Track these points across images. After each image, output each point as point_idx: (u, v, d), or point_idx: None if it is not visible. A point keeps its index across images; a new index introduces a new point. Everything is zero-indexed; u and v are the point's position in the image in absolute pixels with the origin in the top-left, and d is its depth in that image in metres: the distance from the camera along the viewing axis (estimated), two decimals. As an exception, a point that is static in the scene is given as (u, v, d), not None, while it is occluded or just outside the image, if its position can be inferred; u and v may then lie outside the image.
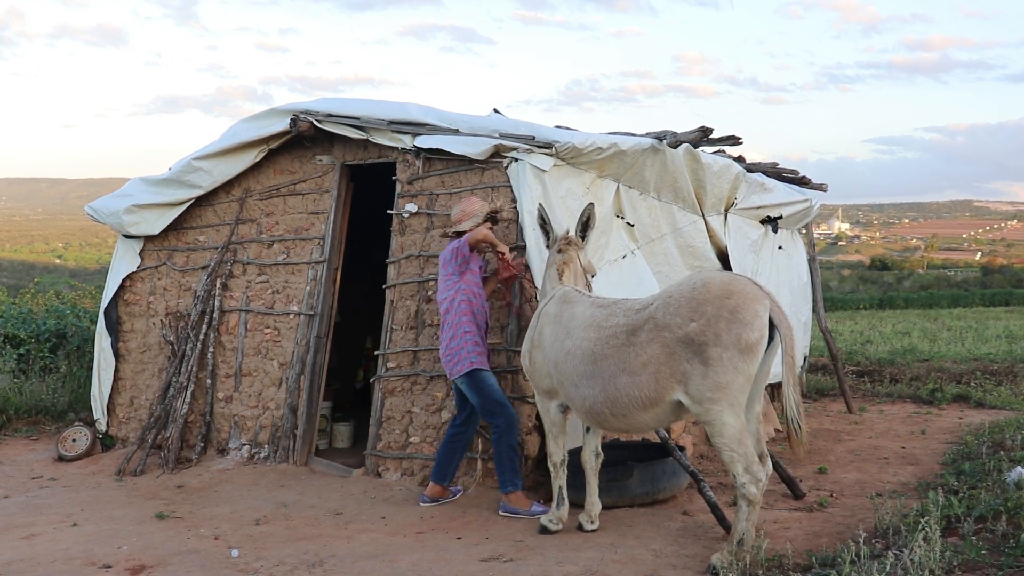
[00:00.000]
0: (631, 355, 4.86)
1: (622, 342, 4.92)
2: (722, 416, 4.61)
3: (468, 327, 6.04)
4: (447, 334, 6.09)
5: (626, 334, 4.92)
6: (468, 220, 6.23)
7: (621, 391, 4.89)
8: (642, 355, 4.81)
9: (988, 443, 7.25)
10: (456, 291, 6.08)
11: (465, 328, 6.03)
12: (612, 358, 4.94)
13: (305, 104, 7.63)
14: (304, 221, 7.89)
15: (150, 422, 7.91)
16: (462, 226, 6.22)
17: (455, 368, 6.03)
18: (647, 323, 4.83)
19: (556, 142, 6.48)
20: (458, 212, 6.29)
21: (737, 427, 4.60)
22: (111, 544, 5.49)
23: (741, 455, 4.59)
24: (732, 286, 4.66)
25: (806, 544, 5.05)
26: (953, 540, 4.57)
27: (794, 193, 9.83)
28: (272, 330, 7.87)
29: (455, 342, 6.03)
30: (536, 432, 6.49)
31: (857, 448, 8.03)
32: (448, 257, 6.12)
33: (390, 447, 6.97)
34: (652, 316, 4.81)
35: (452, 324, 6.06)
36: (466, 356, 5.99)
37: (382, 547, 5.31)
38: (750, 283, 4.74)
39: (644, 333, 4.82)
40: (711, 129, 7.25)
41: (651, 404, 4.83)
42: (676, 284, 4.94)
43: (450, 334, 6.06)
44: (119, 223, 8.53)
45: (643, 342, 4.81)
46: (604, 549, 5.10)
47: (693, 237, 8.02)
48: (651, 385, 4.79)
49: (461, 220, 6.25)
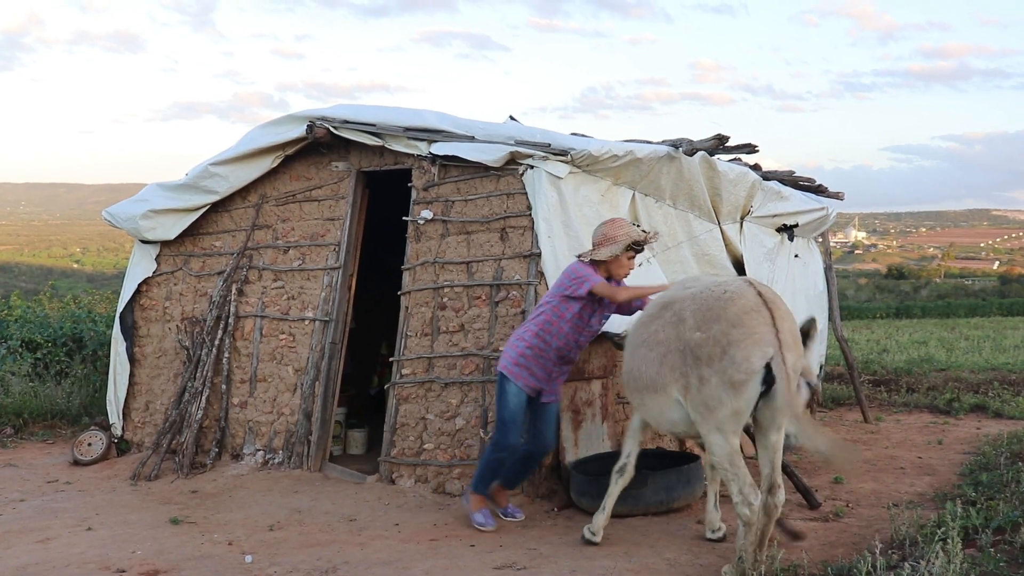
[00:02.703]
0: (655, 329, 4.85)
1: (654, 314, 4.92)
2: (710, 436, 4.58)
3: (531, 340, 5.67)
4: (515, 332, 5.87)
5: (659, 307, 4.91)
6: (607, 248, 5.57)
7: (638, 363, 4.90)
8: (659, 333, 4.79)
9: (1006, 454, 7.19)
10: (550, 307, 5.65)
11: (527, 339, 5.69)
12: (644, 327, 4.95)
13: (321, 110, 7.65)
14: (320, 227, 7.90)
15: (165, 427, 7.94)
16: (599, 253, 5.56)
17: (499, 363, 5.78)
18: (677, 304, 4.78)
19: (572, 149, 6.48)
20: (600, 235, 5.65)
21: (726, 449, 4.54)
22: (125, 549, 5.50)
23: (733, 475, 4.53)
24: (745, 317, 4.44)
25: (821, 554, 5.01)
26: (971, 552, 4.53)
27: (810, 201, 9.79)
28: (287, 336, 7.88)
29: (511, 342, 5.78)
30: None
31: (873, 458, 7.98)
32: (568, 278, 5.59)
33: (404, 454, 6.97)
34: (683, 300, 4.77)
35: (523, 328, 5.78)
36: (509, 360, 5.70)
37: (395, 554, 5.30)
38: (768, 325, 4.42)
39: (669, 314, 4.79)
40: (727, 137, 7.23)
41: (656, 389, 4.80)
42: (718, 283, 4.78)
43: (515, 334, 5.82)
44: (136, 228, 8.57)
45: (665, 322, 4.79)
46: (618, 558, 5.08)
47: (709, 245, 8.00)
48: (656, 367, 4.76)
49: (600, 245, 5.61)
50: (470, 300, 6.84)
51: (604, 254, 5.55)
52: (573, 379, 6.61)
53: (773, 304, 4.54)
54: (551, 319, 5.63)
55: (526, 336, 5.70)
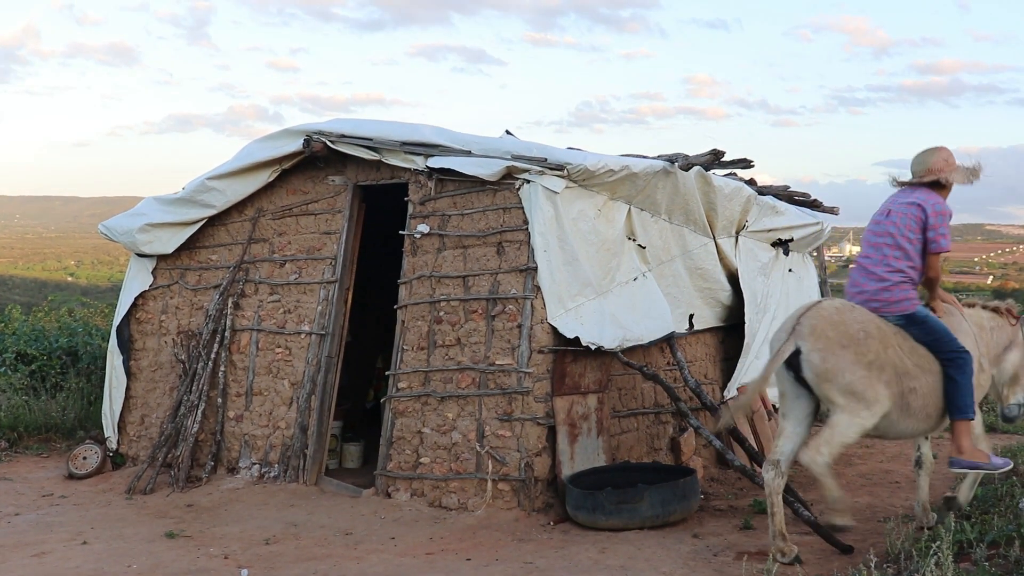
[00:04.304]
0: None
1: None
2: None
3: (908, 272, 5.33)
4: (879, 268, 5.37)
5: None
6: (960, 174, 5.41)
7: None
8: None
9: (1001, 468, 7.20)
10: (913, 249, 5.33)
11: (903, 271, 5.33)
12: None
13: (318, 125, 7.68)
14: (316, 241, 7.92)
15: (161, 440, 7.93)
16: (954, 176, 5.40)
17: (897, 308, 5.30)
18: None
19: (568, 164, 6.51)
20: (942, 160, 5.43)
21: None
22: (121, 563, 5.49)
23: None
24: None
25: (817, 568, 5.02)
26: (965, 566, 4.53)
27: (805, 216, 9.84)
28: (283, 349, 7.88)
29: (893, 282, 5.32)
30: (545, 454, 6.49)
31: (868, 472, 7.99)
32: (939, 216, 5.30)
33: (400, 467, 6.97)
34: None
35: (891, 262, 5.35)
36: (907, 297, 5.31)
37: (392, 568, 5.30)
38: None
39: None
40: (723, 152, 7.27)
41: None
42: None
43: (882, 271, 5.36)
44: (132, 242, 8.58)
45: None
46: (614, 572, 5.09)
47: (704, 259, 8.04)
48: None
49: (944, 171, 5.40)
50: (466, 314, 6.86)
51: (960, 178, 5.40)
52: (569, 393, 6.63)
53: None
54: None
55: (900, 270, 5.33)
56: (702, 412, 7.74)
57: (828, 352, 5.01)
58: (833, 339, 5.04)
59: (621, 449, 7.23)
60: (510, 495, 6.48)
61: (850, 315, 5.19)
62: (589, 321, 6.63)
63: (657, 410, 7.74)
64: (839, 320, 5.13)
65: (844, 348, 5.03)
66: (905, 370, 5.16)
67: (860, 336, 5.08)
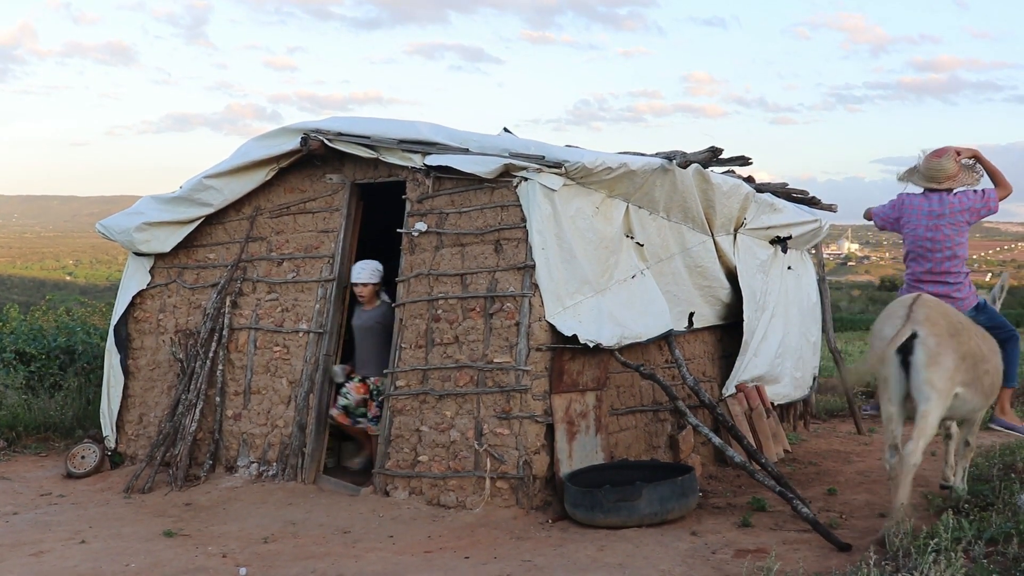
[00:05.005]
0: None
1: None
2: None
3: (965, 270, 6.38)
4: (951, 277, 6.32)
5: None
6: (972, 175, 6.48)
7: None
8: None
9: (999, 465, 7.20)
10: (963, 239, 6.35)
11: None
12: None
13: (315, 123, 7.67)
14: (314, 239, 7.91)
15: (159, 439, 7.92)
16: (965, 178, 6.46)
17: (966, 303, 6.28)
18: None
19: (566, 162, 6.51)
20: (956, 167, 6.38)
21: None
22: (119, 562, 5.49)
23: None
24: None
25: (816, 565, 5.02)
26: (964, 563, 4.54)
27: (803, 213, 9.84)
28: (281, 348, 7.88)
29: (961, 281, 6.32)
30: (543, 452, 6.48)
31: (867, 469, 7.99)
32: (981, 200, 6.35)
33: (399, 466, 6.97)
34: None
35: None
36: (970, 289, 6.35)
37: (390, 566, 5.30)
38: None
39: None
40: (721, 149, 7.27)
41: None
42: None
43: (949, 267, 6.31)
44: (130, 241, 8.57)
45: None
46: (612, 570, 5.09)
47: (702, 257, 8.04)
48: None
49: (959, 174, 6.42)
50: (464, 312, 6.85)
51: (969, 179, 6.41)
52: (567, 391, 6.63)
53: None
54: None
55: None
56: (700, 410, 7.75)
57: (941, 338, 5.46)
58: (943, 327, 5.50)
59: (619, 447, 7.23)
60: (508, 493, 6.47)
61: (949, 308, 5.82)
62: (587, 319, 6.63)
63: (655, 408, 7.74)
64: (945, 311, 5.70)
65: (951, 337, 5.52)
66: (982, 355, 5.81)
67: (959, 327, 5.65)
